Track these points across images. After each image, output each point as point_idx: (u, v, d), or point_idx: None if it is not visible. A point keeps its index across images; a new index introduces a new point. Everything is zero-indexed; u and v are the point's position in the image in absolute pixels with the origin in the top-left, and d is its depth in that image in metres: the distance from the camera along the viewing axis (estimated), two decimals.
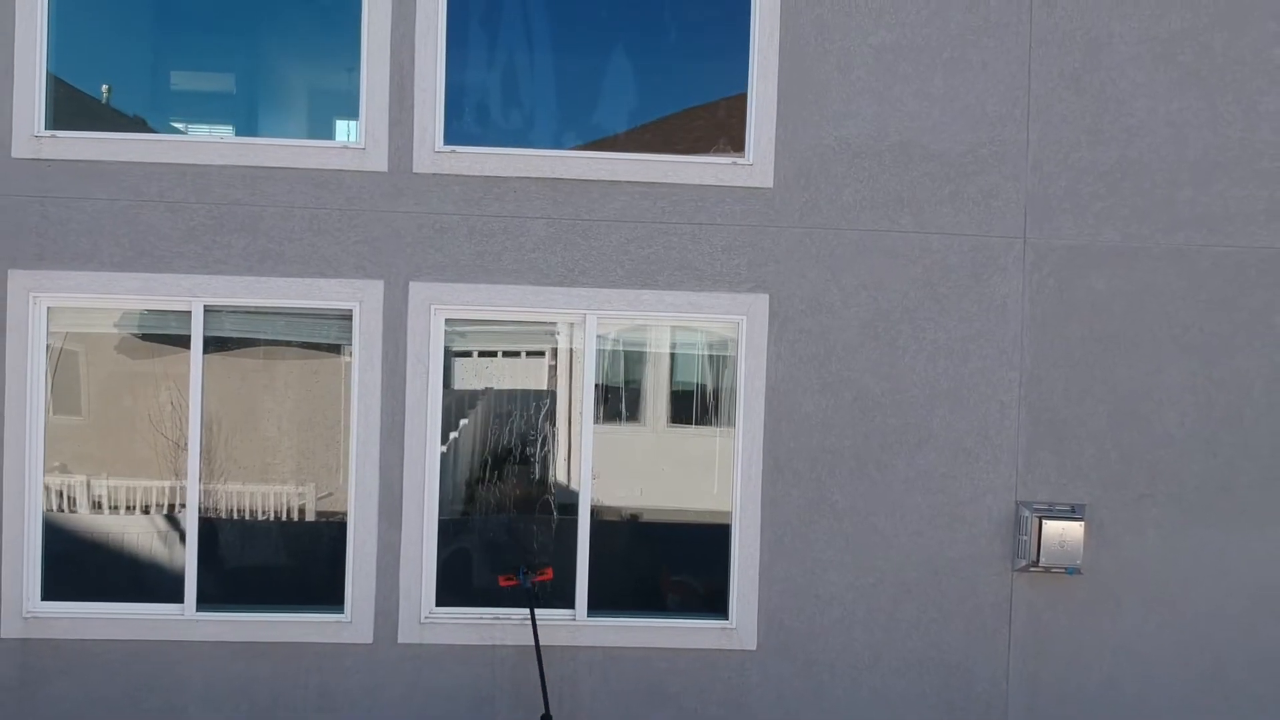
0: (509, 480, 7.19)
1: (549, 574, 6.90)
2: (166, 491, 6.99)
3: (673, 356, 7.33)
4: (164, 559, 6.97)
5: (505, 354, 7.30)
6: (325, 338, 7.05)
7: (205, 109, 7.18)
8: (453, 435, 7.09)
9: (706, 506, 7.23)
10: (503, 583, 6.84)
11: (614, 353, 7.16)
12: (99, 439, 7.05)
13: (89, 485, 6.99)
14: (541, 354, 7.26)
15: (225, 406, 6.98)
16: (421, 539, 6.93)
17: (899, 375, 7.09)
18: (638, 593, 7.27)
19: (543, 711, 6.66)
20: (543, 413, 7.24)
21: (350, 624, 6.91)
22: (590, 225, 6.98)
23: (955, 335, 7.09)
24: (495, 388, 7.23)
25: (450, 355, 7.08)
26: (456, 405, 7.14)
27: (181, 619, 6.88)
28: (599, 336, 7.06)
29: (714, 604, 7.17)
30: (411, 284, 6.92)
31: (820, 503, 7.07)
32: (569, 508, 7.08)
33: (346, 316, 6.96)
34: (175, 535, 6.95)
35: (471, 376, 7.22)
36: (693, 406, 7.30)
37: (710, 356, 7.28)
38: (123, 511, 6.98)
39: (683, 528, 7.28)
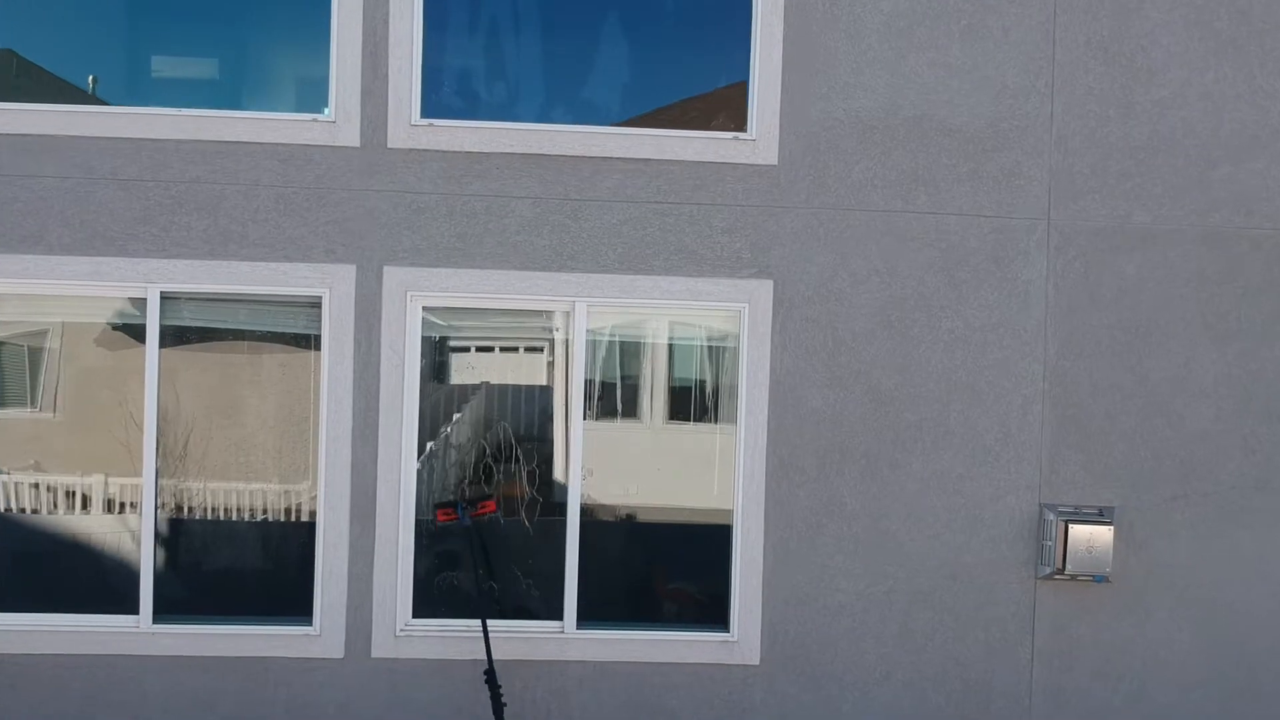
0: (492, 481, 6.66)
1: (491, 506, 6.34)
2: (121, 492, 6.45)
3: (670, 347, 6.81)
4: (118, 566, 6.43)
5: (488, 346, 6.77)
6: (293, 327, 6.52)
7: (163, 80, 6.61)
8: (434, 436, 6.56)
9: (706, 508, 6.72)
10: (440, 518, 6.31)
11: (606, 343, 6.63)
12: (49, 436, 6.51)
13: (37, 485, 6.45)
14: (528, 345, 6.73)
15: (184, 402, 6.44)
16: (397, 544, 6.40)
17: (913, 367, 6.57)
18: (631, 602, 6.75)
19: None
20: (530, 409, 6.73)
21: (319, 637, 6.38)
22: (580, 206, 6.45)
23: (974, 324, 6.58)
24: (477, 382, 6.70)
25: (429, 346, 6.54)
26: (436, 401, 6.61)
27: (137, 631, 6.34)
28: (590, 328, 6.52)
29: (714, 614, 6.65)
30: (386, 269, 6.38)
31: (829, 504, 6.55)
32: (558, 509, 6.56)
33: (315, 304, 6.42)
34: (130, 541, 6.41)
35: (452, 369, 6.69)
36: (691, 401, 6.78)
37: (710, 347, 6.76)
38: (76, 512, 6.44)
39: (680, 531, 6.77)
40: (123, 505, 6.43)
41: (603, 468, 6.64)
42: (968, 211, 6.58)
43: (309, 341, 6.47)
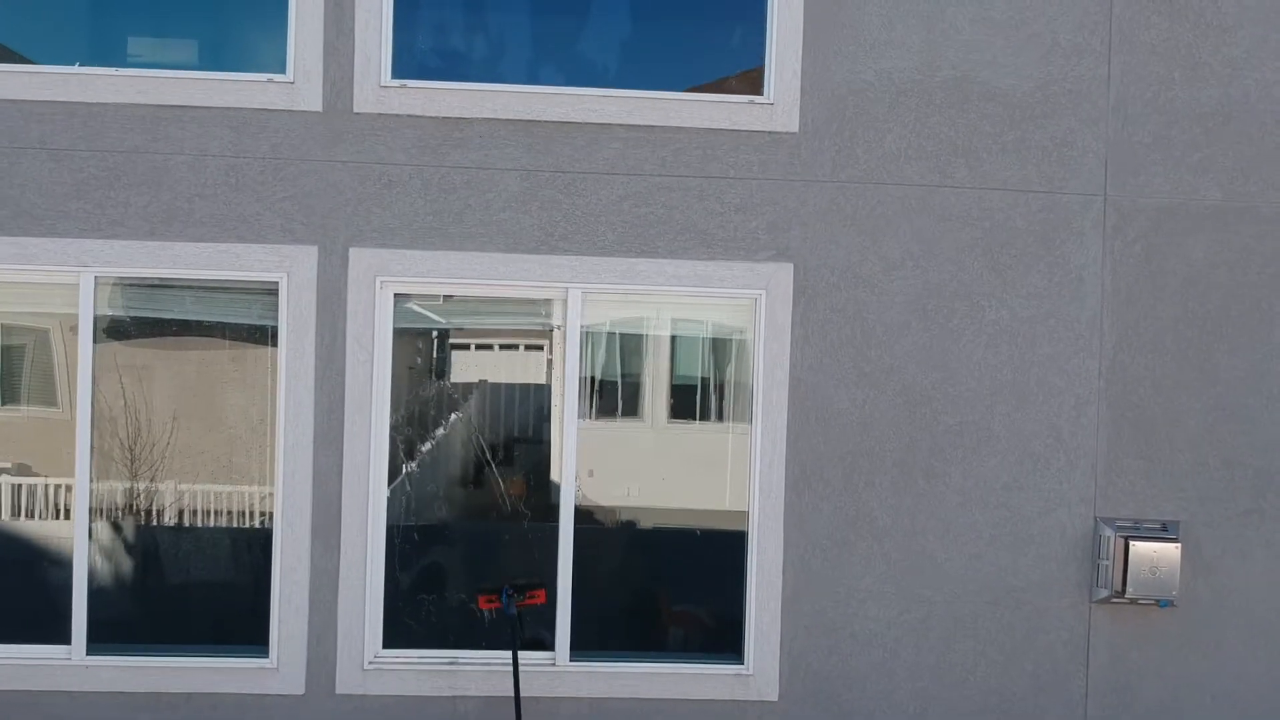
0: (476, 491, 5.89)
1: (541, 596, 5.60)
2: (50, 502, 5.67)
3: (674, 340, 6.04)
4: (47, 586, 5.64)
5: (471, 340, 5.98)
6: (247, 318, 5.73)
7: (99, 37, 5.83)
8: (410, 441, 5.77)
9: (716, 519, 5.95)
10: (483, 604, 5.57)
11: (604, 334, 5.85)
12: None
13: None
14: (517, 338, 5.95)
15: (122, 402, 5.65)
16: (365, 565, 5.62)
17: (953, 364, 5.79)
18: (632, 627, 5.98)
19: None
20: (519, 409, 5.96)
21: (277, 670, 5.59)
22: (574, 179, 5.67)
23: (1021, 315, 5.80)
24: (455, 380, 5.92)
25: (402, 339, 5.76)
26: (410, 402, 5.83)
27: (69, 664, 5.56)
28: (586, 319, 5.75)
29: (726, 642, 5.88)
30: (352, 250, 5.60)
31: (857, 519, 5.77)
32: (548, 523, 5.77)
33: (272, 291, 5.63)
34: (62, 557, 5.62)
35: (431, 366, 5.90)
36: (698, 399, 6.01)
37: (721, 340, 5.99)
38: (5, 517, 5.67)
39: (687, 545, 5.99)
40: (58, 510, 5.66)
41: (601, 472, 5.89)
42: (1014, 186, 5.79)
43: (265, 334, 5.68)
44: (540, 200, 5.66)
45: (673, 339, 6.02)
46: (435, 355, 5.91)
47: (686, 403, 6.06)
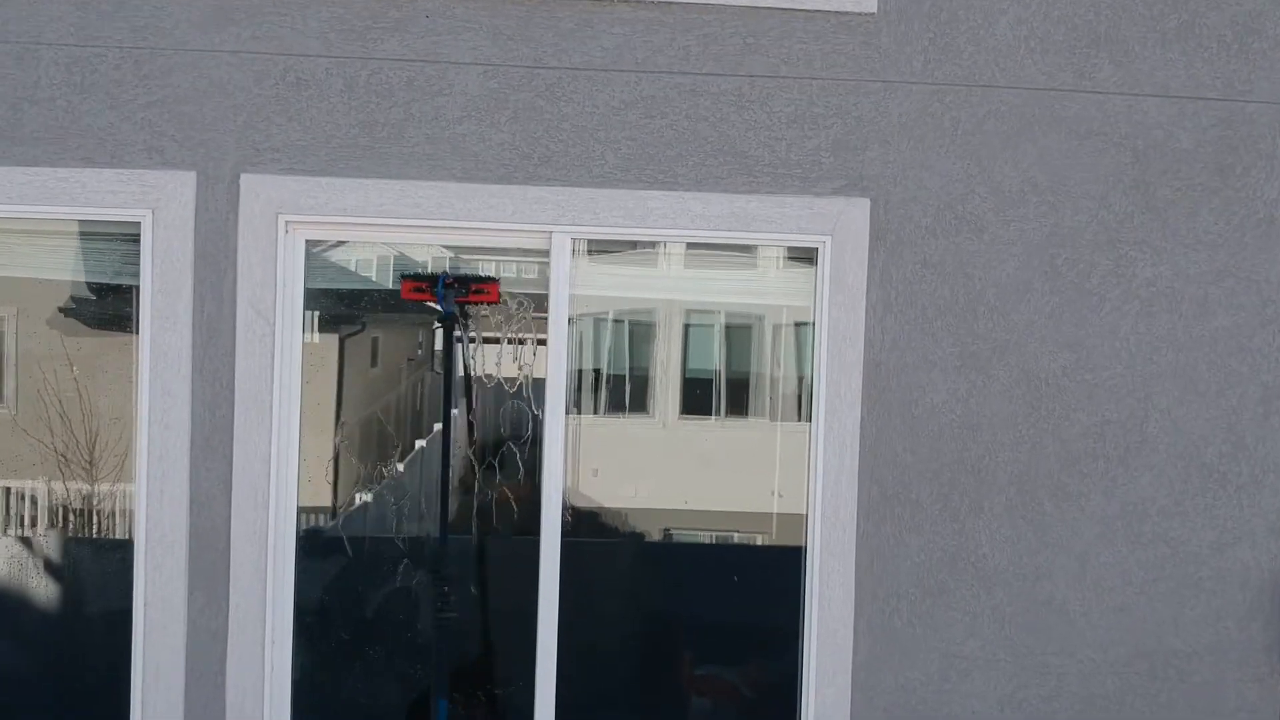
0: (424, 523, 4.26)
1: (494, 292, 4.14)
2: None
3: (695, 312, 4.42)
4: None
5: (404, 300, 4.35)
6: (98, 273, 4.10)
7: None
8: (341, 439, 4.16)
9: (756, 560, 4.33)
10: (407, 292, 4.08)
11: (597, 299, 4.23)
12: None
13: None
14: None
15: None
16: (265, 624, 3.98)
17: (1091, 340, 4.13)
18: (639, 702, 4.35)
19: None
20: (489, 400, 4.33)
21: None
22: (560, 78, 4.01)
23: (1186, 272, 4.14)
24: (407, 359, 4.30)
25: (321, 304, 4.13)
26: (337, 392, 4.21)
27: None
28: (574, 288, 4.12)
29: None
30: (245, 178, 3.95)
31: (958, 558, 4.12)
32: (525, 552, 4.14)
33: (133, 236, 4.00)
34: None
35: (359, 337, 4.28)
36: (726, 385, 4.40)
37: (758, 308, 4.38)
38: None
39: (720, 592, 4.38)
40: None
41: (600, 478, 4.28)
42: (1178, 91, 4.12)
43: (127, 298, 4.05)
44: (512, 108, 4.00)
45: (692, 311, 4.40)
46: (372, 328, 4.28)
47: (709, 394, 4.45)
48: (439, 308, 4.04)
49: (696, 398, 4.49)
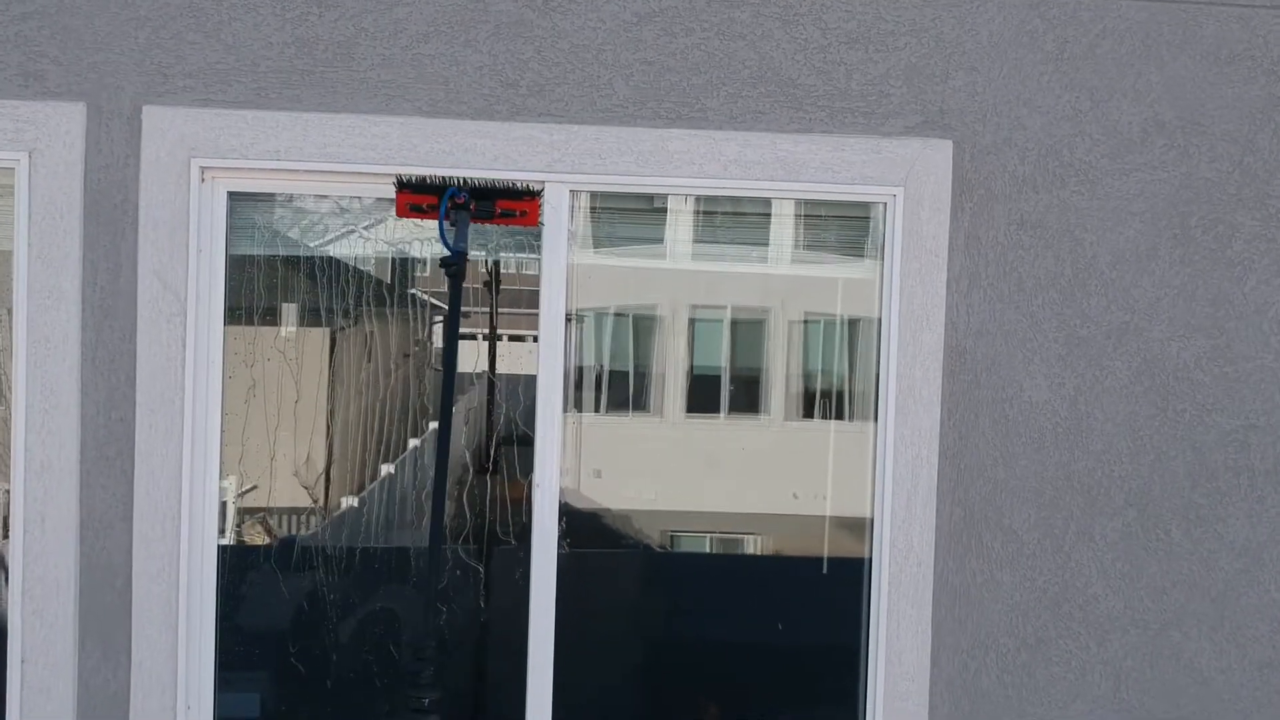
0: (379, 530, 3.40)
1: (532, 214, 3.09)
2: None
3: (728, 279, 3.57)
4: None
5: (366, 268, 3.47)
6: None
7: None
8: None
9: (801, 596, 3.48)
10: (402, 208, 3.04)
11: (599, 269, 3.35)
12: None
13: None
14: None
15: None
16: (177, 684, 3.11)
17: (1234, 323, 3.25)
18: None
19: None
20: (470, 393, 3.47)
21: None
22: None
23: None
24: (354, 354, 3.43)
25: (247, 272, 3.25)
26: (249, 379, 3.34)
27: None
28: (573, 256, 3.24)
29: None
30: (148, 111, 3.06)
31: (1062, 600, 3.25)
32: (513, 576, 3.28)
33: (4, 186, 3.12)
34: None
35: (300, 321, 3.40)
36: (771, 378, 3.55)
37: (804, 279, 3.52)
38: None
39: (760, 638, 3.52)
40: None
41: (604, 481, 3.43)
42: None
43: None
44: (494, 21, 3.11)
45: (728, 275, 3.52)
46: (317, 304, 3.40)
47: (749, 382, 3.60)
48: (445, 244, 2.95)
49: (702, 396, 3.64)
